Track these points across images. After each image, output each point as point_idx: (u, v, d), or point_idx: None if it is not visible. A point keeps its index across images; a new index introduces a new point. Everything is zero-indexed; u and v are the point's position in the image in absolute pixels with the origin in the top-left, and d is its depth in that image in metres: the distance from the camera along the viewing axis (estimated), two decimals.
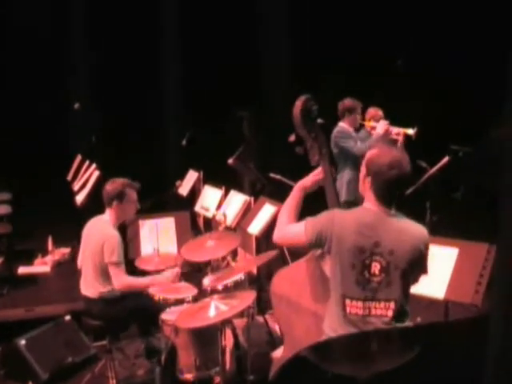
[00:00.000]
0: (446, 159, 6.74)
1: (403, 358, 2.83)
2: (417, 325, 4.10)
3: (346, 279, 3.46)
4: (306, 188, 3.90)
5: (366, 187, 3.58)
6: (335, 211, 3.65)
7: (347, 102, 7.57)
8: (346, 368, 2.87)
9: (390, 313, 3.43)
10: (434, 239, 4.46)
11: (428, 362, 2.72)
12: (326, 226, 3.52)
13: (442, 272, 4.32)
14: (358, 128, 7.66)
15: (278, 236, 3.83)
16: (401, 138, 7.19)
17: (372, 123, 7.51)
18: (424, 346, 2.87)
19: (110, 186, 5.53)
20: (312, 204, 4.03)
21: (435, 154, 6.95)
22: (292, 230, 3.73)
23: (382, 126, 7.20)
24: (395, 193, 3.54)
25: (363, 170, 3.60)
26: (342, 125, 7.50)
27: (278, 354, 4.11)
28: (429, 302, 4.54)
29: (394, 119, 7.35)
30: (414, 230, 3.53)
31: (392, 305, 3.42)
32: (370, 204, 3.55)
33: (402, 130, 7.23)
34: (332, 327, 3.52)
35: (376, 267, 3.42)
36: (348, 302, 3.46)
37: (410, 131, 7.12)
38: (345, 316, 3.47)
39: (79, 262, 5.66)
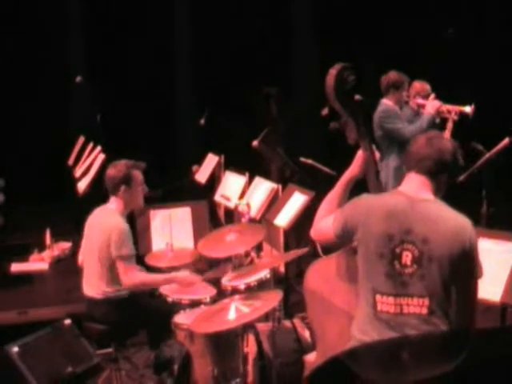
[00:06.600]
0: (506, 141, 6.67)
1: (445, 366, 2.83)
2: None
3: (375, 271, 3.50)
4: (352, 178, 3.88)
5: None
6: (362, 197, 3.70)
7: (393, 75, 7.41)
8: (381, 376, 2.89)
9: (425, 310, 3.43)
10: (489, 233, 4.52)
11: (478, 372, 2.73)
12: (352, 214, 3.59)
13: (498, 271, 4.33)
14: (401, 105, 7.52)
15: (312, 232, 3.91)
16: (455, 118, 7.10)
17: (420, 100, 7.43)
18: (472, 354, 2.87)
19: (113, 170, 5.50)
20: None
21: (493, 136, 6.90)
22: (323, 224, 3.80)
23: (433, 105, 7.12)
24: (436, 170, 3.56)
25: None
26: (387, 102, 7.37)
27: (312, 357, 4.14)
28: (484, 308, 4.49)
29: (444, 96, 7.28)
30: (456, 219, 3.51)
31: (426, 301, 3.43)
32: (404, 188, 3.60)
33: (456, 108, 7.13)
34: (361, 329, 3.55)
35: (407, 257, 3.43)
36: (379, 297, 3.49)
37: (467, 109, 7.02)
38: (375, 314, 3.50)
39: (80, 257, 5.70)
